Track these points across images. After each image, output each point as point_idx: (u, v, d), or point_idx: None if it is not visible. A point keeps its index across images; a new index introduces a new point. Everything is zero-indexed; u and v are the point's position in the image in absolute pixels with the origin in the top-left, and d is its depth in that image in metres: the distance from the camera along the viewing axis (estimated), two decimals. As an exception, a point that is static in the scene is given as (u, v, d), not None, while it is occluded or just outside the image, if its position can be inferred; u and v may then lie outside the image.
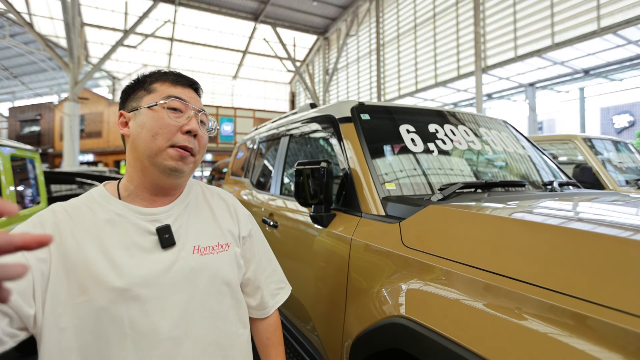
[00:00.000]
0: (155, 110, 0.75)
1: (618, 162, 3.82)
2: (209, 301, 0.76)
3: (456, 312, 0.81)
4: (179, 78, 0.82)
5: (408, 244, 1.04)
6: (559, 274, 0.71)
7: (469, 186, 1.40)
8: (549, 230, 0.82)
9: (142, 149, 0.74)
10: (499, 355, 0.68)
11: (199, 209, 0.84)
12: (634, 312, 0.58)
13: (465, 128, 1.79)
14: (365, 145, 1.47)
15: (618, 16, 8.83)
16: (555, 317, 0.66)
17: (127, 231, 0.73)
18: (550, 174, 1.87)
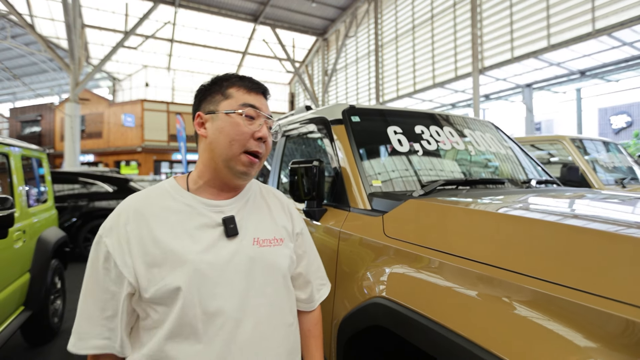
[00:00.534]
0: (232, 117, 0.81)
1: (605, 162, 3.94)
2: (265, 290, 0.82)
3: (426, 291, 0.93)
4: (254, 85, 0.87)
5: (389, 234, 1.16)
6: (512, 256, 0.83)
7: (450, 183, 1.52)
8: (506, 220, 0.94)
9: (218, 152, 0.81)
10: (462, 324, 0.80)
11: (257, 205, 0.90)
12: (568, 284, 0.70)
13: (450, 129, 1.91)
14: (355, 145, 1.59)
15: (612, 18, 8.96)
16: (505, 291, 0.78)
17: (196, 220, 0.79)
18: (530, 172, 1.99)
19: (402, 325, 0.92)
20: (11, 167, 2.38)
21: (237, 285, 0.77)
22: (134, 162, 21.86)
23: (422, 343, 0.86)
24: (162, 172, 22.69)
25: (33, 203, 2.86)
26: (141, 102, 21.82)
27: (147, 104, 21.90)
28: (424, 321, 0.86)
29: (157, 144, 21.85)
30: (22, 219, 2.45)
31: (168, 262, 0.74)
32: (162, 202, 0.80)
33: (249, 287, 0.79)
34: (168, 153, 22.37)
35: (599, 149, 4.17)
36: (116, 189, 6.27)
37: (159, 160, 22.41)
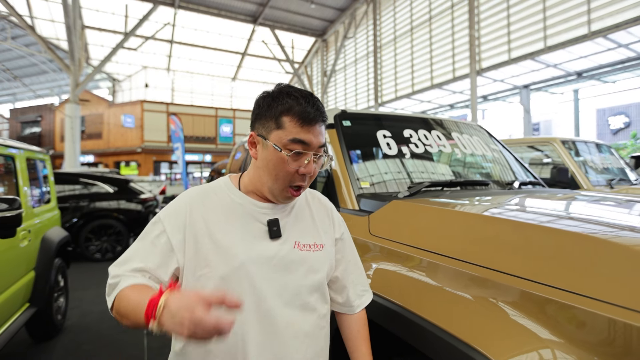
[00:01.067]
0: (280, 154, 0.81)
1: (595, 164, 4.03)
2: (301, 291, 0.85)
3: (404, 285, 1.01)
4: (309, 116, 0.82)
5: (374, 232, 1.25)
6: (482, 252, 0.92)
7: (436, 185, 1.60)
8: (479, 219, 1.03)
9: (264, 180, 0.85)
10: (432, 314, 0.88)
11: (301, 211, 0.93)
12: (530, 277, 0.79)
13: (438, 133, 2.00)
14: (345, 149, 1.67)
15: (608, 20, 9.05)
16: (477, 285, 0.86)
17: (244, 218, 0.85)
18: (515, 174, 2.08)
19: (381, 315, 1.01)
20: (17, 169, 2.47)
21: (275, 285, 0.82)
22: (134, 162, 21.95)
23: (396, 329, 0.95)
24: (162, 172, 22.77)
25: (37, 204, 2.95)
26: (141, 102, 21.90)
27: (147, 105, 21.98)
28: (399, 310, 0.95)
29: (157, 145, 21.93)
30: (27, 219, 2.53)
31: (216, 253, 0.80)
32: (218, 197, 0.87)
33: (286, 287, 0.83)
34: (168, 154, 22.45)
35: (590, 151, 4.26)
36: (116, 190, 6.35)
37: (158, 161, 22.50)
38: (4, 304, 2.09)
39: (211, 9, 18.38)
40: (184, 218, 0.83)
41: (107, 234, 6.14)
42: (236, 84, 26.80)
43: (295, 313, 0.84)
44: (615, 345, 0.64)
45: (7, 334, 2.10)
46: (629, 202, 1.35)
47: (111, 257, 6.08)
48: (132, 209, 6.33)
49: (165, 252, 0.80)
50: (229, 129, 23.76)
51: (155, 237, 0.82)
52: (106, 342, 2.96)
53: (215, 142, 23.42)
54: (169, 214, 0.84)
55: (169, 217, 0.83)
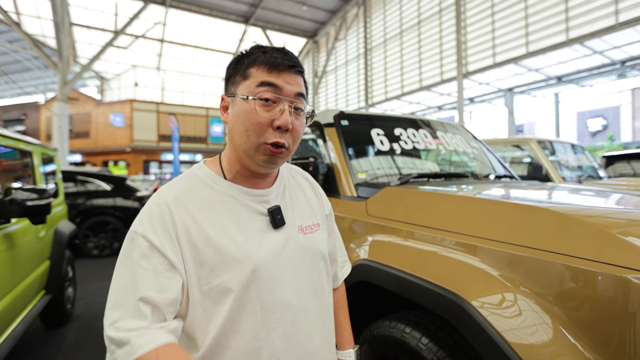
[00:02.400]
0: (248, 102, 0.70)
1: (567, 162, 4.37)
2: (312, 276, 0.80)
3: (396, 251, 1.26)
4: (276, 61, 0.72)
5: (371, 213, 1.50)
6: (458, 222, 1.17)
7: (422, 176, 1.86)
8: (454, 198, 1.29)
9: (237, 142, 0.74)
10: (420, 270, 1.13)
11: (293, 190, 0.85)
12: (490, 237, 1.04)
13: (425, 131, 2.25)
14: (344, 145, 1.92)
15: (584, 28, 9.52)
16: (452, 247, 1.12)
17: (240, 212, 0.73)
18: (491, 168, 2.35)
19: (379, 276, 1.25)
20: (34, 164, 2.64)
21: (290, 276, 0.75)
22: (123, 162, 21.83)
23: (392, 286, 1.19)
24: (151, 172, 22.71)
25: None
26: (130, 102, 21.81)
27: (137, 104, 21.90)
28: (393, 271, 1.19)
29: (147, 144, 21.87)
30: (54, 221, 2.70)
31: (221, 261, 0.68)
32: (201, 193, 0.73)
33: (299, 275, 0.77)
34: (157, 153, 22.41)
35: (564, 150, 4.60)
36: (113, 187, 6.48)
37: (148, 161, 22.43)
38: (27, 288, 2.27)
39: (203, 8, 18.45)
40: (169, 224, 0.67)
41: (105, 231, 6.27)
42: (226, 84, 26.81)
43: (311, 300, 0.79)
44: (559, 282, 0.89)
45: (31, 316, 2.28)
46: (579, 189, 1.63)
47: (109, 254, 6.22)
48: (129, 206, 6.46)
49: (163, 272, 0.64)
50: (220, 128, 23.82)
51: (141, 258, 0.64)
52: (115, 328, 3.13)
53: (206, 141, 23.45)
54: (150, 222, 0.67)
55: (151, 227, 0.66)
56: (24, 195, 1.94)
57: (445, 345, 1.07)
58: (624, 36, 9.60)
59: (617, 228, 0.92)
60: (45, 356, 2.64)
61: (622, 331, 0.77)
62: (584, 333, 0.83)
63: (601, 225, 0.93)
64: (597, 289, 0.82)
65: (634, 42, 10.02)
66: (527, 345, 0.85)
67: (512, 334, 0.88)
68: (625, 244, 0.85)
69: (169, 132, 21.90)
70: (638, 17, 8.61)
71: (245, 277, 0.69)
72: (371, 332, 1.31)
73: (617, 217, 1.05)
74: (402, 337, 1.17)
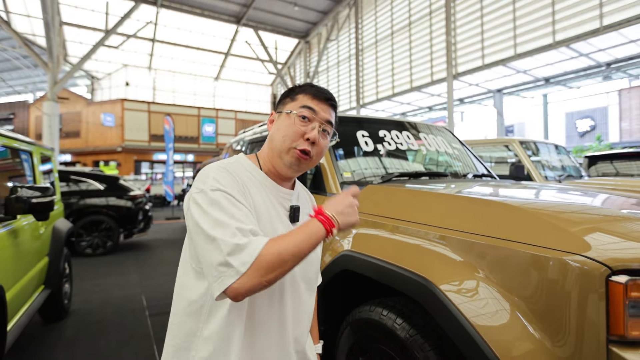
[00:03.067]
0: (289, 117, 0.92)
1: (548, 162, 4.55)
2: (308, 268, 0.99)
3: (376, 243, 1.39)
4: (319, 93, 0.94)
5: (354, 209, 1.63)
6: (431, 216, 1.31)
7: (404, 175, 2.00)
8: (429, 194, 1.42)
9: (274, 145, 0.93)
10: (397, 259, 1.26)
11: (302, 198, 1.05)
12: (458, 228, 1.17)
13: (408, 133, 2.39)
14: (331, 146, 2.04)
15: (570, 31, 9.78)
16: (424, 237, 1.25)
17: (270, 199, 0.92)
18: (471, 168, 2.50)
19: (359, 265, 1.39)
20: (34, 163, 2.73)
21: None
22: (114, 162, 21.71)
23: (371, 273, 1.33)
24: (143, 172, 22.63)
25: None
26: (121, 101, 21.70)
27: (128, 104, 21.80)
28: (371, 260, 1.33)
29: (138, 144, 21.78)
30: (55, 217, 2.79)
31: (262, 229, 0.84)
32: (247, 174, 0.91)
33: (305, 264, 0.95)
34: (149, 153, 22.33)
35: (546, 151, 4.78)
36: (107, 187, 6.53)
37: (139, 161, 22.34)
38: (29, 282, 2.37)
39: (194, 8, 18.47)
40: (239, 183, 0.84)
41: (98, 230, 6.32)
42: (219, 83, 26.85)
43: (307, 284, 0.98)
44: (511, 266, 1.03)
45: (32, 309, 2.38)
46: (545, 187, 1.78)
47: (102, 253, 6.27)
48: (122, 205, 6.52)
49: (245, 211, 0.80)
50: (212, 128, 23.80)
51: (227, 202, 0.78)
52: (112, 322, 3.24)
53: (197, 141, 23.43)
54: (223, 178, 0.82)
55: (224, 181, 0.81)
56: (29, 193, 2.04)
57: (416, 325, 1.21)
58: (608, 39, 9.89)
59: (560, 218, 1.06)
60: (45, 348, 2.73)
61: (559, 307, 0.91)
62: (530, 310, 0.96)
63: (545, 215, 1.07)
64: (539, 270, 0.96)
65: (617, 45, 10.32)
66: (482, 319, 0.99)
67: (471, 311, 1.01)
68: (564, 231, 0.99)
69: (160, 132, 21.86)
70: (621, 21, 8.88)
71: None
72: (353, 317, 1.44)
73: (563, 209, 1.19)
74: (380, 319, 1.30)
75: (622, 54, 10.99)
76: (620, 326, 0.83)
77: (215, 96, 27.25)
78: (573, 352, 0.87)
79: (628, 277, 0.84)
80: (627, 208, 1.28)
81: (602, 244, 0.93)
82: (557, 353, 0.90)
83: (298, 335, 0.96)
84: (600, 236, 0.96)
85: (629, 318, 0.83)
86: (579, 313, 0.88)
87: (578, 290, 0.88)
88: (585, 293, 0.87)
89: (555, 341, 0.91)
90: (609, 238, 0.96)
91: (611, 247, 0.92)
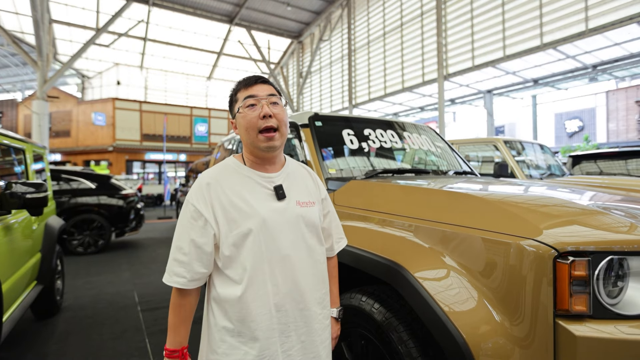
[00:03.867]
0: (241, 113, 1.06)
1: (531, 161, 4.69)
2: (305, 237, 1.09)
3: (358, 233, 1.48)
4: (248, 80, 1.09)
5: (337, 202, 1.72)
6: (408, 208, 1.40)
7: (387, 172, 2.09)
8: (408, 188, 1.51)
9: (245, 141, 1.08)
10: (380, 249, 1.35)
11: (295, 176, 1.15)
12: (432, 219, 1.27)
13: (392, 132, 2.49)
14: (317, 144, 2.13)
15: (557, 34, 9.98)
16: (399, 227, 1.34)
17: (254, 187, 1.06)
18: (453, 165, 2.60)
19: (342, 255, 1.47)
20: (27, 161, 2.78)
21: (288, 233, 1.05)
22: (105, 161, 21.56)
23: (350, 262, 1.42)
24: (134, 172, 22.50)
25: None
26: (112, 100, 21.55)
27: (119, 103, 21.65)
28: (351, 249, 1.42)
29: (130, 144, 21.65)
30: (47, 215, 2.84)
31: (242, 216, 1.01)
32: (231, 174, 1.07)
33: (296, 234, 1.06)
34: (141, 153, 22.20)
35: (530, 150, 4.92)
36: (98, 185, 6.55)
37: (131, 160, 22.20)
38: (23, 276, 2.42)
39: (187, 7, 18.42)
40: (206, 196, 1.02)
41: (90, 229, 6.34)
42: (212, 83, 26.80)
43: (302, 253, 1.07)
44: (476, 252, 1.13)
45: (25, 303, 2.43)
46: (517, 183, 1.89)
47: (94, 251, 6.29)
48: (114, 204, 6.54)
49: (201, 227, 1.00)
50: (204, 128, 23.75)
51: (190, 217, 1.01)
52: (104, 317, 3.29)
53: (190, 141, 23.36)
54: (195, 195, 1.03)
55: (196, 198, 1.02)
56: (23, 189, 2.10)
57: (392, 309, 1.30)
58: (594, 42, 10.12)
59: (517, 207, 1.16)
60: (39, 342, 2.78)
61: (515, 286, 1.01)
62: (492, 292, 1.06)
63: (505, 204, 1.18)
64: (497, 253, 1.06)
65: (603, 47, 10.56)
66: (446, 297, 1.09)
67: (438, 293, 1.11)
68: (520, 218, 1.09)
69: (152, 132, 21.76)
70: (606, 24, 9.10)
71: (256, 224, 1.01)
72: (335, 304, 1.53)
73: (523, 199, 1.29)
74: (359, 304, 1.39)
75: (608, 56, 11.25)
76: (565, 302, 0.93)
77: (208, 96, 27.19)
78: (526, 327, 0.97)
79: (573, 258, 0.94)
80: (584, 199, 1.38)
81: (553, 229, 1.03)
82: (513, 331, 0.99)
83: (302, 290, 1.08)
84: (551, 222, 1.06)
85: (572, 294, 0.93)
86: (531, 291, 0.97)
87: (530, 270, 0.98)
88: (536, 272, 0.97)
89: (512, 320, 1.00)
90: (559, 224, 1.06)
91: (560, 232, 1.02)
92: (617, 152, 5.77)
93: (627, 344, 0.88)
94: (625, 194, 1.77)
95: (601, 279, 0.96)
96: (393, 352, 1.24)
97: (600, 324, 0.92)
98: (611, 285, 0.97)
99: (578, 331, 0.90)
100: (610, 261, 0.96)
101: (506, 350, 0.99)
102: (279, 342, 1.03)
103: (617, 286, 0.98)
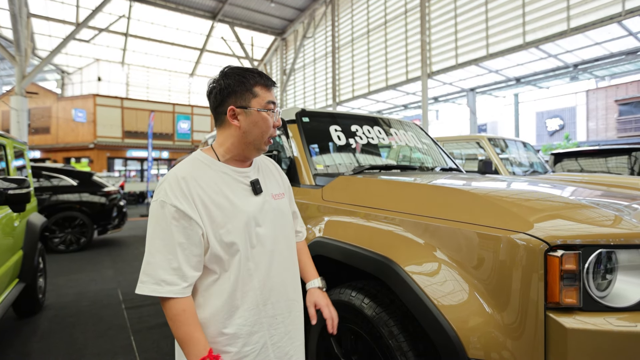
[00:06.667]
0: (263, 115, 1.04)
1: (515, 158, 4.78)
2: (284, 228, 1.13)
3: (345, 228, 1.47)
4: (269, 82, 1.08)
5: (325, 198, 1.71)
6: (394, 203, 1.40)
7: (374, 167, 2.09)
8: (393, 183, 1.52)
9: (251, 139, 1.05)
10: (364, 242, 1.35)
11: (264, 169, 1.17)
12: (418, 213, 1.27)
13: (379, 128, 2.49)
14: (305, 139, 2.11)
15: (539, 33, 10.17)
16: (387, 222, 1.34)
17: (232, 183, 1.04)
18: (438, 161, 2.62)
19: (330, 250, 1.47)
20: (7, 157, 2.67)
21: (269, 225, 1.07)
22: (86, 158, 21.05)
23: (340, 257, 1.41)
24: (116, 169, 22.04)
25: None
26: (93, 96, 21.05)
27: (100, 99, 21.17)
28: (340, 244, 1.41)
29: (111, 141, 21.20)
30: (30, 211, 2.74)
31: (224, 214, 0.99)
32: (205, 171, 1.02)
33: (275, 227, 1.09)
34: (122, 150, 21.76)
35: (514, 148, 5.01)
36: (79, 183, 6.38)
37: (112, 157, 21.75)
38: (5, 274, 2.35)
39: (169, 3, 18.08)
40: (187, 193, 0.95)
41: (72, 226, 6.17)
42: (194, 80, 26.41)
43: (282, 246, 1.11)
44: (465, 245, 1.13)
45: (7, 301, 2.35)
46: (500, 179, 1.91)
47: (75, 249, 6.13)
48: (96, 201, 6.39)
49: (188, 227, 0.94)
50: (187, 125, 23.42)
51: (172, 219, 0.93)
52: (88, 316, 3.22)
53: (172, 138, 23.01)
54: (173, 193, 0.95)
55: (174, 196, 0.94)
56: (5, 185, 2.02)
57: (382, 303, 1.30)
58: (575, 41, 10.35)
59: (507, 201, 1.17)
60: (21, 340, 2.71)
61: (506, 280, 1.02)
62: (483, 286, 1.07)
63: (496, 199, 1.19)
64: (487, 248, 1.07)
65: (584, 47, 10.81)
66: (439, 293, 1.09)
67: (429, 287, 1.11)
68: (510, 213, 1.10)
69: (134, 129, 21.35)
70: (587, 24, 9.31)
71: (241, 223, 1.00)
72: (325, 299, 1.52)
73: (512, 194, 1.30)
74: (349, 299, 1.39)
75: (588, 55, 11.52)
76: (555, 295, 0.94)
77: (191, 93, 26.79)
78: (517, 320, 0.98)
79: (563, 251, 0.96)
80: (571, 194, 1.41)
81: (543, 223, 1.04)
82: (504, 324, 1.00)
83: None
84: (541, 216, 1.08)
85: (563, 287, 0.94)
86: (522, 284, 0.98)
87: (521, 263, 0.99)
88: (527, 266, 0.98)
89: (503, 313, 1.01)
90: (550, 218, 1.08)
91: (550, 225, 1.04)
92: (597, 150, 5.93)
93: (616, 335, 0.90)
94: (606, 189, 1.81)
95: (591, 272, 0.97)
96: (383, 346, 1.24)
97: (590, 317, 0.94)
98: (600, 278, 0.99)
99: (568, 323, 0.91)
100: (600, 254, 0.98)
101: (497, 343, 1.00)
102: (268, 335, 1.05)
103: (605, 279, 1.00)
